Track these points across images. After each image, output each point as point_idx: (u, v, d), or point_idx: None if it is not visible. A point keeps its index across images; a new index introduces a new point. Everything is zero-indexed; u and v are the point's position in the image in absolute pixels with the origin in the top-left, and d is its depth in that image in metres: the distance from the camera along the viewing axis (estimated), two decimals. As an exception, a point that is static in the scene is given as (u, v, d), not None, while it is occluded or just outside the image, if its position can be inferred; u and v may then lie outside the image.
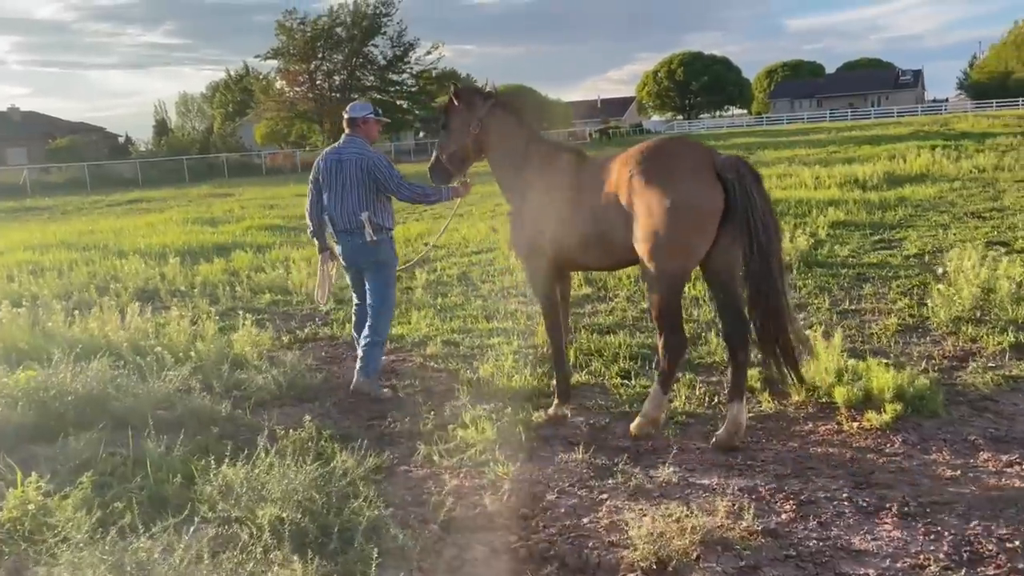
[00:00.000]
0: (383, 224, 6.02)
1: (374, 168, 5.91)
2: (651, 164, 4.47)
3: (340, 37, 61.42)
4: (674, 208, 4.29)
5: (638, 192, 4.43)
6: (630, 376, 5.96)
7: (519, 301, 8.75)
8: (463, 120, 5.53)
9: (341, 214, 5.97)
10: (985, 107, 76.80)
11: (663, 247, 4.37)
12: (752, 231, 4.30)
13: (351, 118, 6.15)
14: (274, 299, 9.66)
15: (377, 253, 6.00)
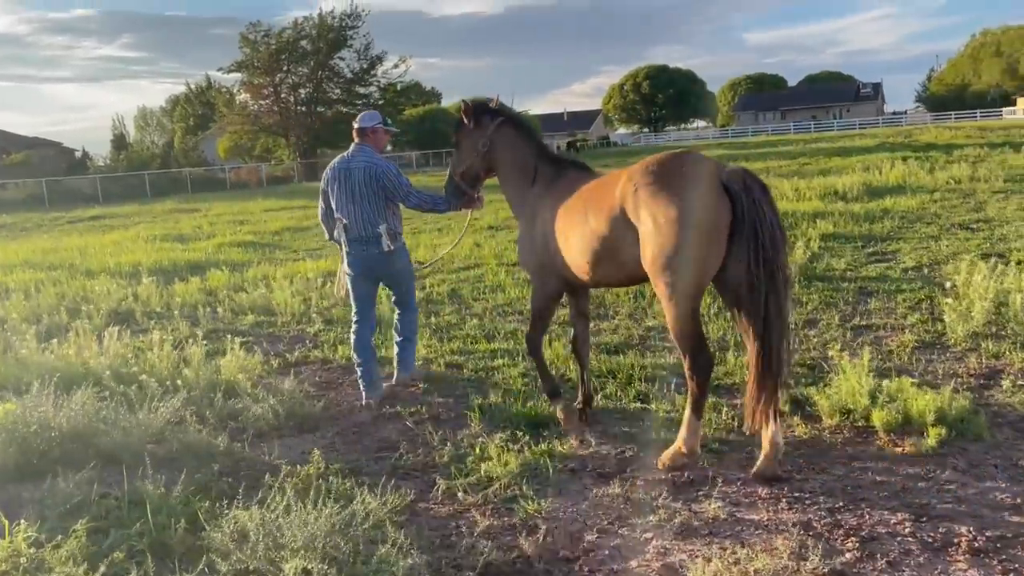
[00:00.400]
0: (396, 230, 6.14)
1: (383, 176, 5.95)
2: (656, 177, 4.32)
3: (305, 50, 60.81)
4: (681, 222, 4.12)
5: (644, 206, 4.28)
6: (648, 399, 5.70)
7: (516, 320, 8.46)
8: (472, 138, 5.54)
9: (355, 224, 6.00)
10: (944, 119, 78.41)
11: (673, 262, 4.18)
12: (759, 244, 4.11)
13: (360, 128, 6.17)
14: (258, 320, 9.26)
15: (395, 262, 6.15)
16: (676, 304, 4.26)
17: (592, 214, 4.65)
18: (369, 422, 5.78)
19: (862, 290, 8.55)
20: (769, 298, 4.14)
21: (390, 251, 6.02)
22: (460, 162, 5.67)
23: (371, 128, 6.17)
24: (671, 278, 4.22)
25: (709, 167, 4.35)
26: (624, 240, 4.46)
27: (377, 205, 5.95)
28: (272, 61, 59.87)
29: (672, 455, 4.50)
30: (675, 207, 4.15)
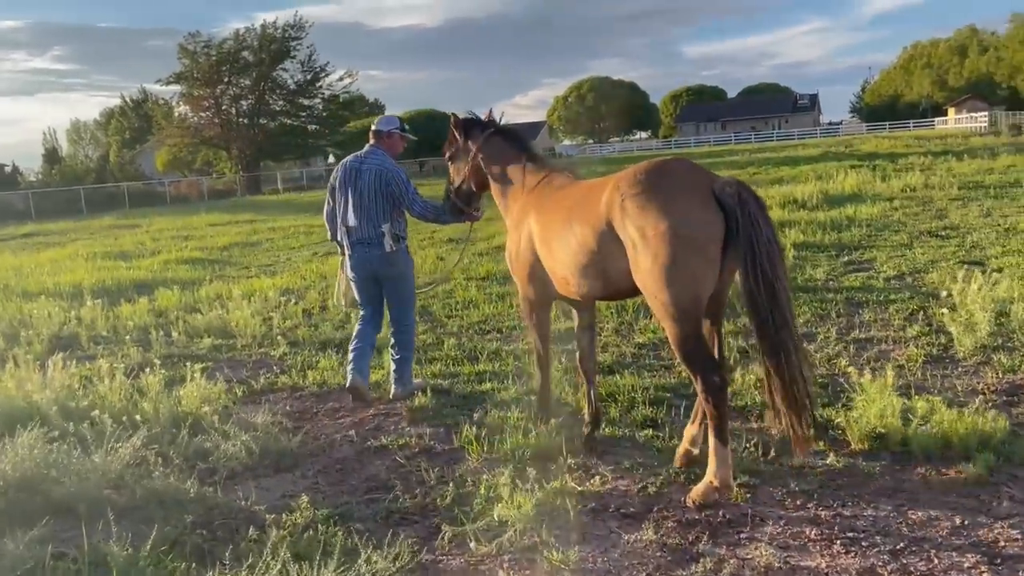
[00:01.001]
0: (400, 234, 6.11)
1: (392, 180, 6.00)
2: (644, 187, 4.04)
3: (247, 61, 59.49)
4: (672, 234, 3.86)
5: (632, 218, 4.01)
6: (657, 424, 5.29)
7: (497, 338, 8.00)
8: (463, 152, 5.57)
9: (360, 225, 6.03)
10: (879, 129, 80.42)
11: (666, 277, 3.91)
12: (756, 258, 3.87)
13: (377, 130, 6.26)
14: (216, 344, 8.61)
15: (397, 264, 6.11)
16: (675, 323, 3.98)
17: (577, 224, 4.38)
18: (353, 457, 5.25)
19: (850, 300, 8.30)
20: (774, 313, 3.90)
21: (391, 252, 6.02)
22: (457, 175, 5.69)
23: (387, 132, 6.23)
24: (667, 296, 3.94)
25: (700, 177, 4.10)
26: (611, 253, 4.19)
27: (383, 208, 6.00)
28: (213, 72, 58.41)
29: (704, 491, 4.08)
30: (665, 220, 3.89)
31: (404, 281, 6.21)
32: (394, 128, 6.24)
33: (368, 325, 6.38)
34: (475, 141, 5.49)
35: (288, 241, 19.60)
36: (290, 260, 15.97)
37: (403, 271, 6.19)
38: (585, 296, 4.65)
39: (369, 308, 6.35)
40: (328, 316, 9.64)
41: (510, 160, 5.36)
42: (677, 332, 4.00)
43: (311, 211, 31.46)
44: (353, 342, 6.30)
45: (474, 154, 5.48)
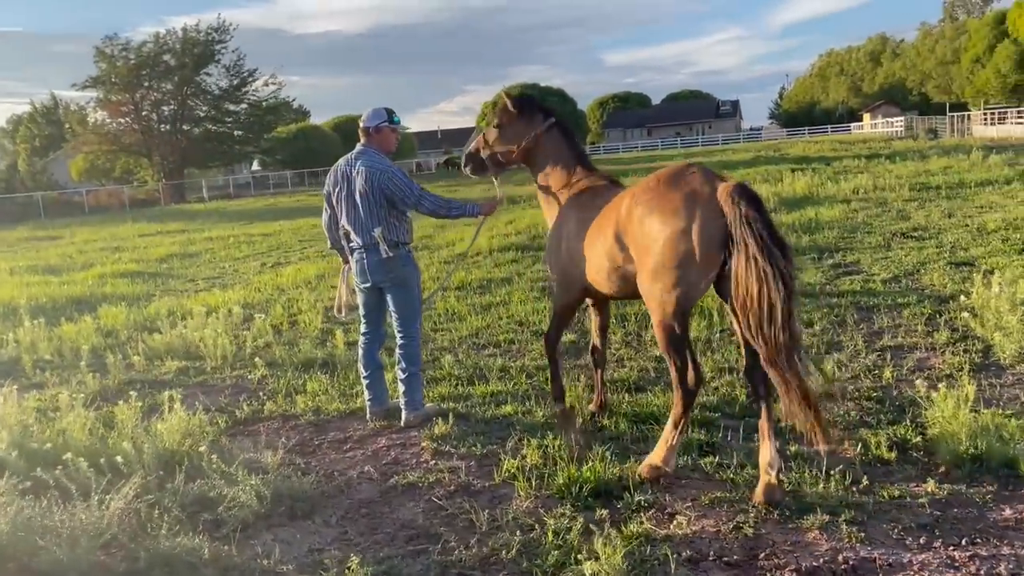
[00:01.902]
0: (398, 239, 5.62)
1: (387, 182, 5.52)
2: (650, 194, 4.32)
3: (169, 65, 57.15)
4: (669, 238, 4.10)
5: (637, 223, 4.32)
6: (716, 449, 4.79)
7: (495, 353, 7.40)
8: (518, 129, 5.49)
9: (356, 229, 5.62)
10: (798, 134, 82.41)
11: (660, 277, 4.18)
12: (754, 259, 3.88)
13: (364, 128, 5.72)
14: (182, 367, 7.78)
15: (395, 269, 5.61)
16: (668, 320, 4.24)
17: (604, 229, 4.69)
18: (378, 499, 4.59)
19: (858, 305, 7.98)
20: (762, 308, 3.89)
21: (389, 258, 5.55)
22: (497, 144, 5.58)
23: (375, 127, 5.69)
24: (658, 293, 4.21)
25: (703, 182, 4.19)
26: (627, 257, 4.50)
27: (376, 211, 5.53)
28: (132, 76, 55.87)
29: (649, 469, 4.43)
30: (666, 224, 4.12)
31: (406, 289, 5.68)
32: (382, 122, 5.68)
33: (370, 346, 5.90)
34: (535, 124, 5.43)
35: (230, 251, 18.56)
36: (238, 271, 15.02)
37: (404, 278, 5.65)
38: (614, 296, 4.93)
39: (368, 322, 5.89)
40: (303, 332, 8.88)
41: (564, 157, 5.42)
42: (666, 331, 4.27)
43: (244, 219, 30.27)
44: (363, 371, 5.92)
45: (533, 137, 5.41)
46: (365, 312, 5.87)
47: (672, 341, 4.29)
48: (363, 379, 5.91)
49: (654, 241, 4.17)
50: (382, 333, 5.94)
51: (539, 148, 5.45)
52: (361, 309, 5.89)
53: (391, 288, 5.67)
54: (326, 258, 15.53)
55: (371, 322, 5.88)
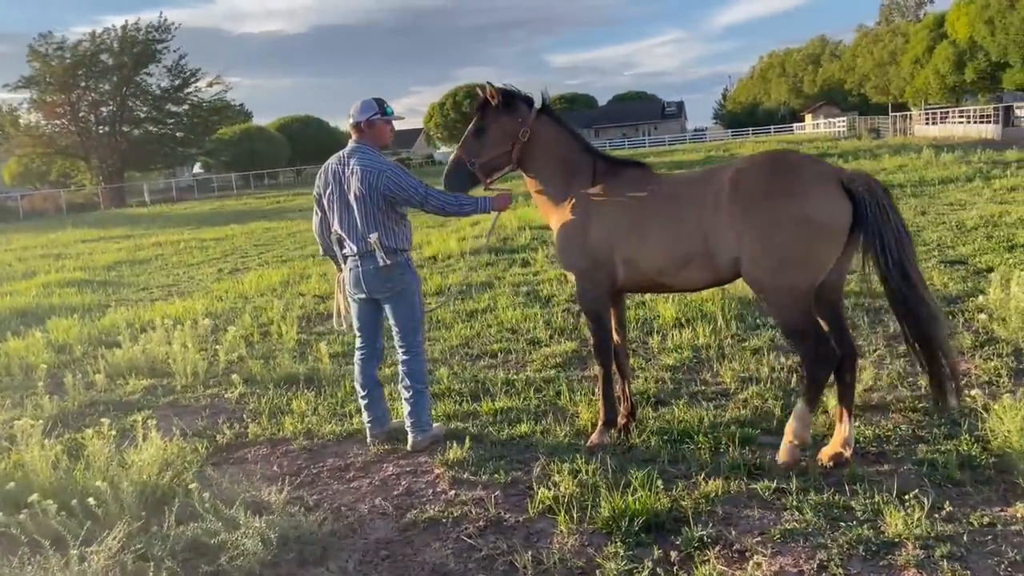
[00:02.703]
0: (397, 246, 5.09)
1: (387, 182, 4.97)
2: (774, 176, 4.20)
3: (107, 64, 55.14)
4: (807, 222, 4.05)
5: (760, 206, 4.15)
6: (766, 471, 4.36)
7: (492, 363, 6.91)
8: (506, 127, 4.91)
9: (350, 235, 5.08)
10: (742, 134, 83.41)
11: (794, 264, 4.12)
12: (887, 247, 4.08)
13: (354, 123, 5.13)
14: (149, 385, 7.12)
15: (394, 279, 5.09)
16: (794, 305, 4.19)
17: (688, 212, 4.41)
18: (398, 538, 4.07)
19: (862, 307, 7.67)
20: (908, 296, 4.13)
21: (386, 267, 5.02)
22: (484, 150, 4.94)
23: (366, 122, 5.10)
24: (788, 279, 4.14)
25: (827, 167, 4.28)
26: (723, 241, 4.28)
27: (373, 214, 5.00)
28: (68, 76, 53.78)
29: (789, 450, 4.38)
30: (800, 206, 4.06)
31: (405, 300, 5.15)
32: (373, 115, 5.09)
33: (367, 362, 5.38)
34: (523, 118, 4.90)
35: (182, 257, 17.70)
36: (194, 279, 14.23)
37: (403, 288, 5.12)
38: (675, 285, 4.68)
39: (364, 336, 5.38)
40: (277, 344, 8.26)
41: (565, 145, 4.96)
42: (791, 314, 4.20)
43: (192, 224, 29.22)
44: (359, 390, 5.39)
45: (525, 131, 4.88)
46: (360, 325, 5.35)
47: (804, 327, 4.22)
48: (360, 399, 5.38)
49: (786, 225, 4.05)
50: (379, 348, 5.42)
51: (537, 142, 4.92)
52: (355, 322, 5.36)
53: (390, 299, 5.15)
54: (287, 263, 14.86)
55: (367, 336, 5.36)
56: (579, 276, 4.87)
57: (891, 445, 4.55)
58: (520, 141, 4.89)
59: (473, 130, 4.95)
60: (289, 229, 22.66)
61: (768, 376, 5.88)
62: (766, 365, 6.10)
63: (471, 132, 4.95)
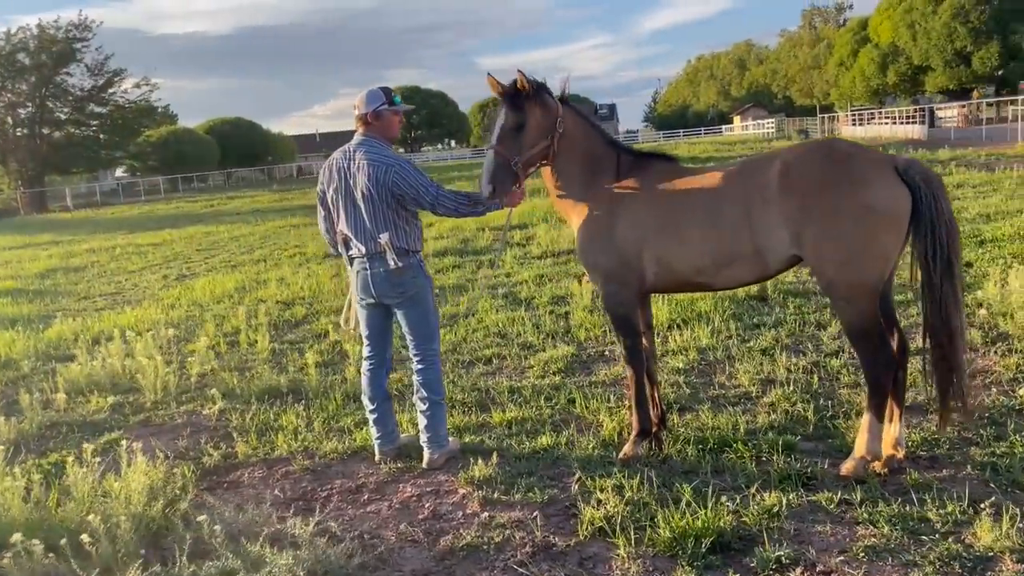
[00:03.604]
0: (409, 246, 4.69)
1: (397, 179, 4.57)
2: (830, 165, 3.96)
3: (24, 64, 52.59)
4: (872, 212, 3.83)
5: (820, 197, 3.89)
6: (820, 481, 4.11)
7: (487, 370, 6.54)
8: (543, 121, 4.50)
9: (357, 235, 4.68)
10: (674, 136, 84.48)
11: (861, 256, 3.90)
12: (938, 238, 3.88)
13: (361, 115, 4.71)
14: (115, 403, 6.53)
15: (406, 282, 4.68)
16: (859, 300, 3.96)
17: (731, 208, 4.12)
18: (436, 569, 3.67)
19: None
20: (947, 297, 3.94)
21: (397, 269, 4.62)
22: (527, 145, 4.47)
23: (373, 113, 4.68)
24: (857, 273, 3.92)
25: (882, 156, 4.08)
26: (773, 235, 4.02)
27: (382, 212, 4.61)
28: (-20, 77, 51.18)
29: (856, 466, 4.09)
30: (864, 197, 3.84)
31: (419, 305, 4.76)
32: (380, 105, 4.67)
33: (376, 372, 4.95)
34: (553, 109, 4.52)
35: (121, 263, 16.80)
36: (138, 286, 13.45)
37: (416, 293, 4.72)
38: (713, 284, 4.38)
39: (373, 344, 4.94)
40: (249, 354, 7.73)
41: (593, 140, 4.64)
42: (859, 311, 3.97)
43: (123, 228, 28.00)
44: (368, 404, 4.95)
45: (561, 124, 4.52)
46: (369, 333, 4.92)
47: (870, 327, 3.99)
48: (369, 413, 4.95)
49: (850, 215, 3.82)
50: (389, 357, 5.00)
51: (566, 137, 4.56)
52: (364, 330, 4.94)
53: (402, 304, 4.75)
54: (238, 268, 14.19)
55: (376, 345, 4.93)
56: (605, 277, 4.56)
57: (942, 449, 4.35)
58: (557, 133, 4.52)
59: (510, 125, 4.45)
60: (231, 233, 21.81)
61: (787, 378, 5.67)
62: (780, 366, 5.88)
63: (509, 127, 4.45)
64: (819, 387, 5.45)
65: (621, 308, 4.56)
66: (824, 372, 5.74)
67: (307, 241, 17.67)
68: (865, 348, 4.05)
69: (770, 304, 7.71)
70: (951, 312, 3.95)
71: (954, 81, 53.64)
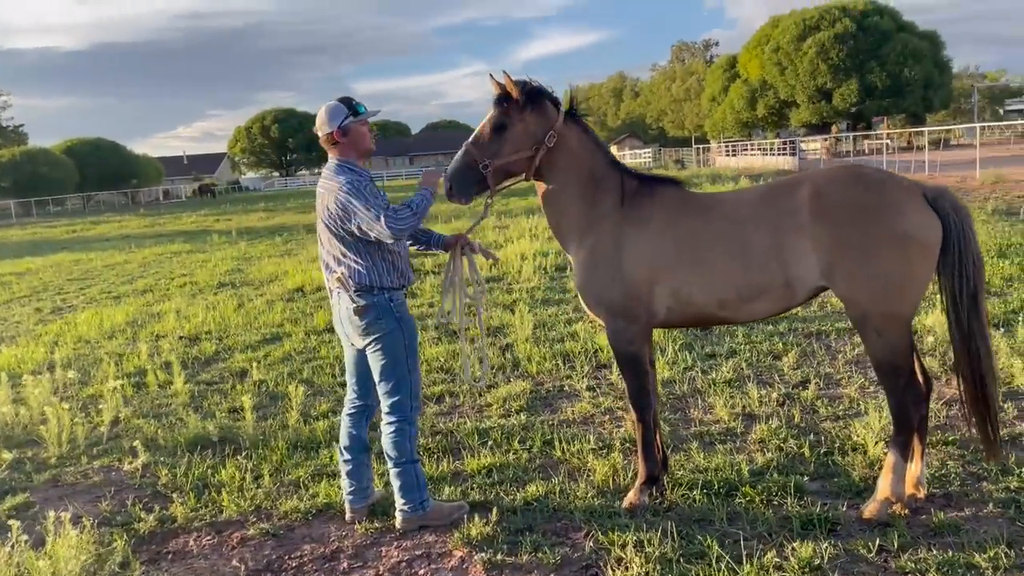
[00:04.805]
0: (372, 283, 4.10)
1: (337, 205, 4.04)
2: (864, 192, 3.80)
3: None
4: (910, 240, 3.68)
5: (855, 225, 3.71)
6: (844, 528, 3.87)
7: (443, 411, 6.05)
8: (531, 128, 4.16)
9: (327, 268, 4.26)
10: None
11: (897, 287, 3.73)
12: (964, 266, 3.76)
13: (326, 135, 4.17)
14: (13, 459, 5.63)
15: (368, 325, 4.11)
16: (895, 334, 3.78)
17: (758, 236, 3.88)
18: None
19: (801, 332, 7.52)
20: (972, 322, 3.80)
21: (358, 308, 4.08)
22: (503, 150, 4.15)
23: (339, 129, 4.13)
24: (892, 304, 3.75)
25: (911, 182, 3.92)
26: (805, 267, 3.81)
27: (338, 244, 4.13)
28: None
29: (879, 508, 3.88)
30: (899, 224, 3.68)
31: (385, 353, 4.13)
32: (345, 119, 4.11)
33: (356, 421, 4.42)
34: (550, 119, 4.17)
35: (-18, 296, 15.17)
36: (7, 321, 12.12)
37: (381, 337, 4.12)
38: (736, 317, 4.12)
39: (354, 387, 4.42)
40: (165, 396, 6.92)
41: (597, 158, 4.28)
42: (894, 344, 3.78)
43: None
44: (343, 454, 4.39)
45: (552, 136, 4.14)
46: (349, 373, 4.39)
47: (902, 362, 3.82)
48: (342, 463, 4.37)
49: (887, 243, 3.67)
50: (372, 404, 4.41)
51: (559, 150, 4.18)
52: (348, 371, 4.42)
53: (367, 348, 4.18)
54: (122, 300, 13.04)
55: (360, 389, 4.38)
56: (611, 313, 4.19)
57: (953, 485, 4.21)
58: (546, 146, 4.16)
59: (490, 126, 4.17)
60: (104, 260, 20.23)
61: (764, 412, 5.47)
62: (754, 399, 5.69)
63: (488, 128, 4.17)
64: (802, 421, 5.28)
65: (630, 347, 4.20)
66: (800, 404, 5.58)
67: (195, 269, 16.57)
68: (894, 383, 3.87)
69: (715, 333, 7.57)
70: (979, 346, 3.82)
71: (816, 116, 56.86)
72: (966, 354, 3.86)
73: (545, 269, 11.89)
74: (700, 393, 6.03)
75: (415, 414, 4.24)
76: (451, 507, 4.30)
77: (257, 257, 17.95)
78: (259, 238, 22.36)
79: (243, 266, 16.47)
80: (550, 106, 4.19)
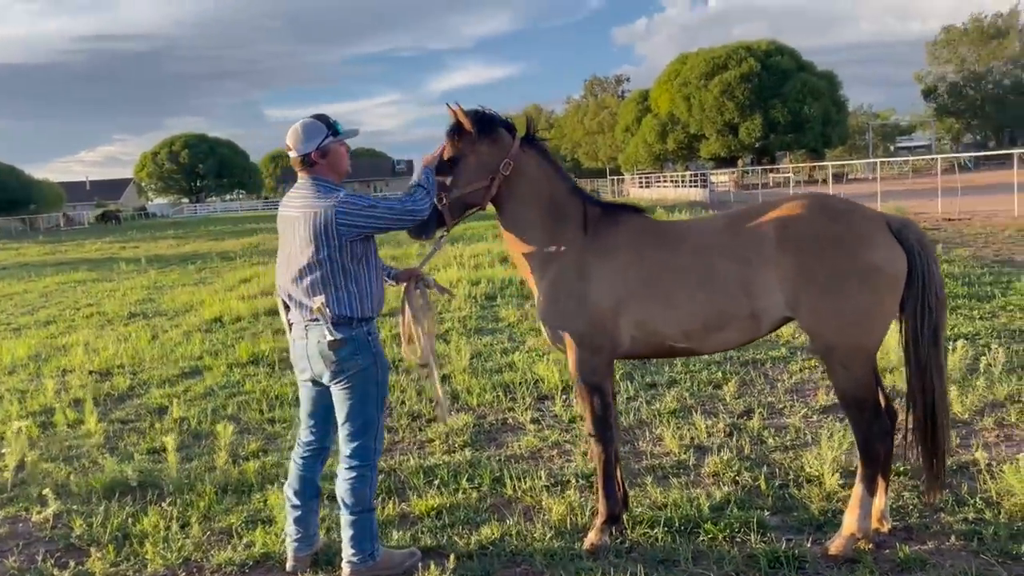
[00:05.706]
0: (352, 314, 3.76)
1: (344, 217, 3.67)
2: (830, 222, 3.72)
3: None
4: (877, 273, 3.64)
5: (821, 256, 3.66)
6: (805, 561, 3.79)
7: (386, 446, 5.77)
8: (485, 157, 4.05)
9: (291, 299, 3.85)
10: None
11: (864, 319, 3.68)
12: (928, 304, 3.73)
13: (301, 156, 3.81)
14: (-99, 511, 5.07)
15: (342, 361, 3.75)
16: (858, 367, 3.74)
17: (724, 266, 3.81)
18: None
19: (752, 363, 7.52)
20: (932, 366, 3.78)
21: (334, 342, 3.69)
22: (457, 184, 4.02)
23: (317, 151, 3.79)
24: (858, 339, 3.70)
25: (876, 213, 3.90)
26: (770, 298, 3.75)
27: (320, 269, 3.73)
28: None
29: (845, 544, 3.80)
30: (864, 256, 3.63)
31: (356, 392, 3.81)
32: (325, 139, 3.80)
33: (309, 464, 4.08)
34: (505, 147, 4.06)
35: None
36: None
37: (354, 375, 3.78)
38: (701, 348, 4.05)
39: (310, 428, 4.06)
40: (75, 437, 6.40)
41: (557, 185, 4.15)
42: (855, 377, 3.74)
43: None
44: (291, 498, 4.06)
45: (507, 164, 4.03)
46: (307, 413, 4.04)
47: (866, 395, 3.77)
48: (291, 508, 4.04)
49: (854, 276, 3.61)
50: (328, 447, 4.10)
51: (516, 179, 4.05)
52: (303, 409, 4.05)
53: (336, 385, 3.82)
54: (22, 332, 12.22)
55: (318, 430, 4.05)
56: (575, 343, 4.03)
57: (912, 517, 4.18)
58: (501, 175, 4.03)
59: (443, 159, 4.02)
60: (1, 290, 19.05)
61: (713, 443, 5.39)
62: (702, 431, 5.61)
63: (442, 162, 4.02)
64: (752, 452, 5.22)
65: (595, 377, 4.04)
66: (748, 435, 5.53)
67: (102, 299, 15.73)
68: (859, 417, 3.81)
69: (653, 363, 7.50)
70: (936, 381, 3.80)
71: (725, 149, 58.84)
72: (920, 389, 3.83)
73: (475, 298, 11.71)
74: (647, 424, 5.93)
75: (378, 458, 3.96)
76: (402, 555, 4.01)
77: (170, 286, 17.19)
78: (170, 266, 21.47)
79: (155, 295, 15.73)
80: (504, 133, 4.07)
